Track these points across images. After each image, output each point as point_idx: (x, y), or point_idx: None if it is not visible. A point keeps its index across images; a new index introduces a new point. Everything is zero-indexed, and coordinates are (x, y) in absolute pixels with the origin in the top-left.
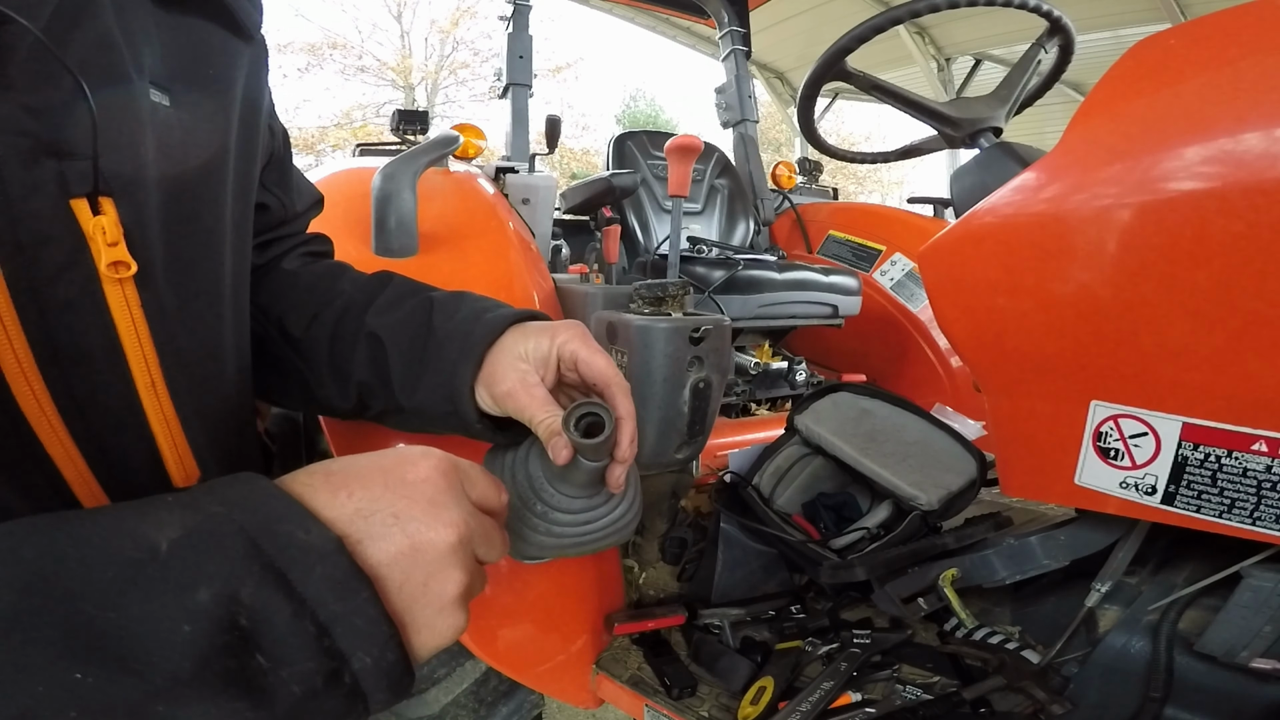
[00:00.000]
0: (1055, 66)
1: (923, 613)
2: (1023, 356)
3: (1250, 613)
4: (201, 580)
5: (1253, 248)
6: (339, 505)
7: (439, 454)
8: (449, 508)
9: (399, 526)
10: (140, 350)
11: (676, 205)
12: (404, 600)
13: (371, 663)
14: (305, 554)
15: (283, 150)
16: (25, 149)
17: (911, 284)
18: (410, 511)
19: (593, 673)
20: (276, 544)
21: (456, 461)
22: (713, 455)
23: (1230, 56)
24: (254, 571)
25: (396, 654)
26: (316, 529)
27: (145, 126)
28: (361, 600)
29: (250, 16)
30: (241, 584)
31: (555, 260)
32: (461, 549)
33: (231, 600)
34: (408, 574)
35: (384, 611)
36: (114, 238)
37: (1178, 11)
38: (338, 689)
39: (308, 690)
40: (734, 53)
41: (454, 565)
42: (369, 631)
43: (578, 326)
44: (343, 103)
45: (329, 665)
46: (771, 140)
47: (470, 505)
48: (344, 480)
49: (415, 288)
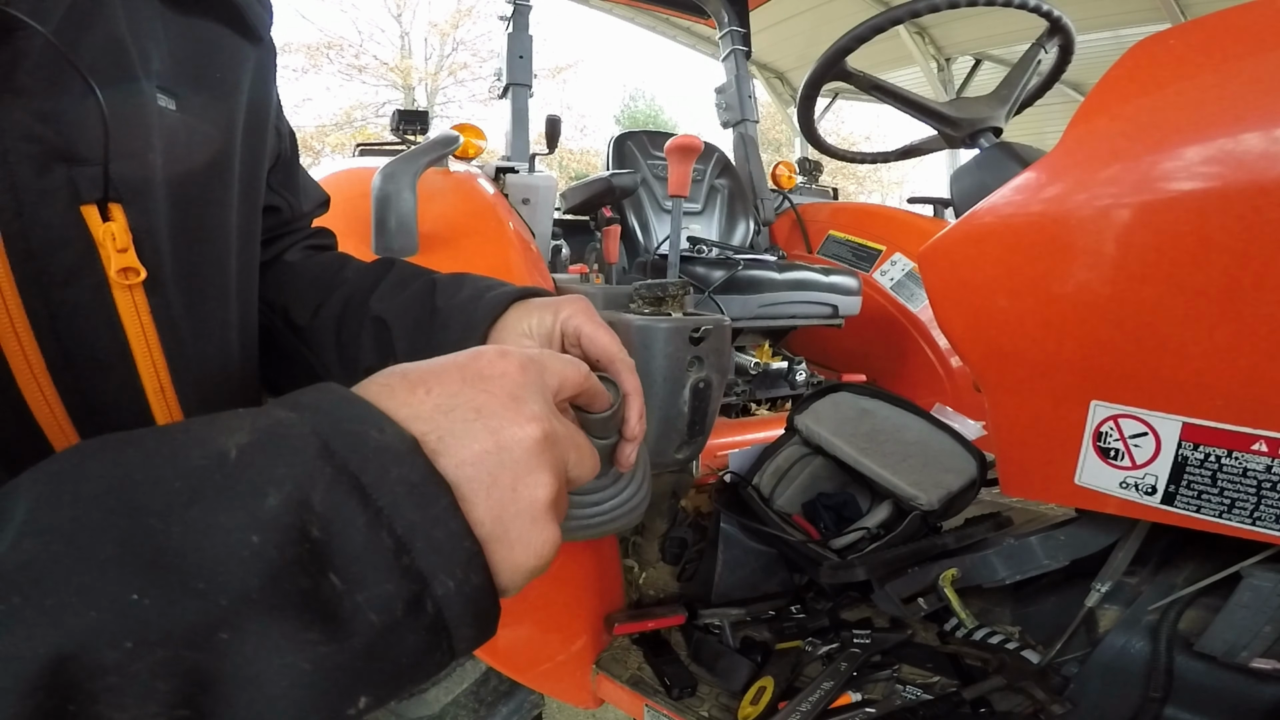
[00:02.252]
0: (1055, 66)
1: (923, 613)
2: (1023, 356)
3: (1250, 613)
4: (271, 485)
5: (1253, 248)
6: (417, 403)
7: (517, 350)
8: (531, 402)
9: (481, 422)
10: (149, 356)
11: (676, 205)
12: (494, 507)
13: (455, 587)
14: (380, 455)
15: (290, 151)
16: (37, 155)
17: (911, 284)
18: (491, 406)
19: (593, 673)
20: (349, 445)
21: (534, 355)
22: (713, 455)
23: (1230, 56)
24: (326, 474)
25: (481, 577)
26: (391, 428)
27: (153, 131)
28: (441, 508)
29: (260, 18)
30: (313, 488)
31: (555, 260)
32: (549, 447)
33: (303, 506)
34: (495, 475)
35: (465, 524)
36: (123, 244)
37: (1178, 11)
38: (419, 619)
39: (387, 620)
40: (734, 53)
41: (542, 466)
42: (450, 548)
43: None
44: (342, 103)
45: (410, 589)
46: (771, 140)
47: (553, 406)
48: (421, 378)
49: (417, 271)
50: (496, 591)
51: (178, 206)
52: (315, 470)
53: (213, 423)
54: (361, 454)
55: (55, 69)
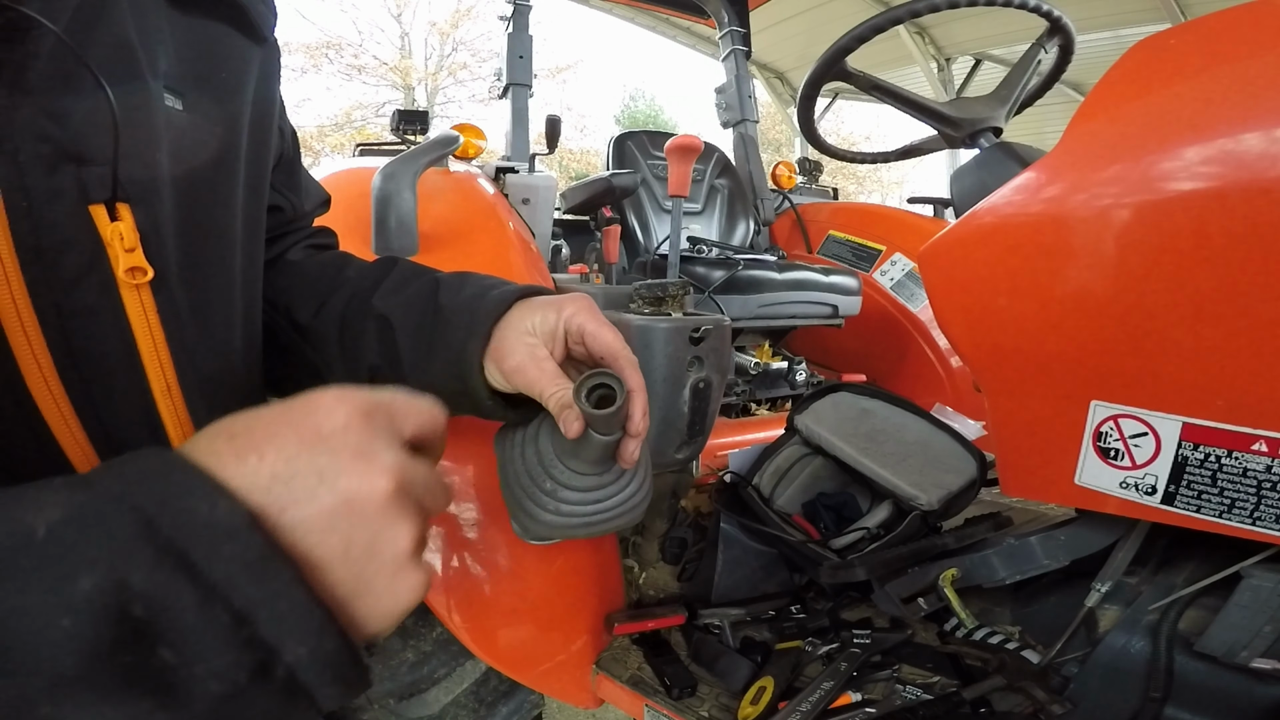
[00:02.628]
0: (1055, 66)
1: (923, 613)
2: (1023, 356)
3: (1250, 613)
4: (83, 566)
5: (1253, 248)
6: (250, 472)
7: (355, 394)
8: (379, 453)
9: (326, 486)
10: (156, 355)
11: (676, 205)
12: (352, 567)
13: (307, 653)
14: (210, 531)
15: (292, 151)
16: (47, 154)
17: (911, 284)
18: (335, 466)
19: (593, 673)
20: (174, 521)
21: (378, 397)
22: (713, 455)
23: (1230, 56)
24: (147, 553)
25: (336, 641)
26: (224, 502)
27: (160, 131)
28: (283, 582)
29: (264, 18)
30: (132, 567)
31: (555, 260)
32: (404, 496)
33: (119, 587)
34: (349, 538)
35: (313, 595)
36: (131, 243)
37: (1178, 11)
38: (269, 685)
39: (230, 688)
40: (734, 53)
41: (399, 517)
42: (297, 618)
43: (584, 299)
44: (342, 103)
45: (254, 658)
46: (771, 140)
47: (401, 449)
48: (251, 442)
49: (420, 270)
50: (357, 648)
51: (184, 206)
52: (134, 549)
53: (21, 498)
54: (189, 531)
55: (66, 69)
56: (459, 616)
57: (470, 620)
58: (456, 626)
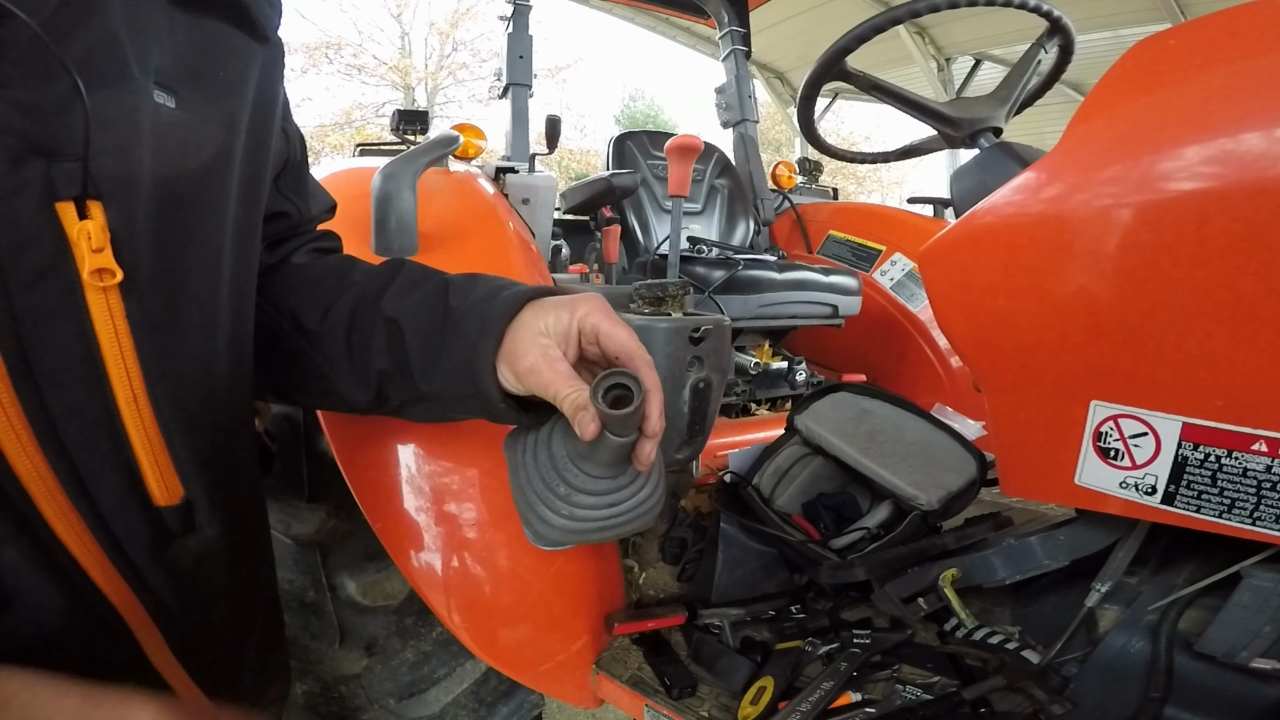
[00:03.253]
0: (1055, 66)
1: (923, 613)
2: (1023, 356)
3: (1250, 613)
4: None
5: (1253, 248)
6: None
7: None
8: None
9: None
10: (122, 363)
11: (676, 205)
12: None
13: None
14: None
15: (299, 155)
16: (12, 148)
17: (911, 284)
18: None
19: (593, 673)
20: None
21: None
22: (713, 455)
23: (1230, 56)
24: None
25: None
26: None
27: (143, 128)
28: None
29: (268, 18)
30: None
31: (555, 260)
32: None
33: None
34: None
35: None
36: (99, 244)
37: (1178, 11)
38: None
39: None
40: (734, 53)
41: None
42: None
43: (597, 299)
44: (342, 103)
45: None
46: (771, 140)
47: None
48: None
49: (428, 272)
50: None
51: (165, 206)
52: None
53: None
54: None
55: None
56: (459, 616)
57: (470, 620)
58: (456, 626)
